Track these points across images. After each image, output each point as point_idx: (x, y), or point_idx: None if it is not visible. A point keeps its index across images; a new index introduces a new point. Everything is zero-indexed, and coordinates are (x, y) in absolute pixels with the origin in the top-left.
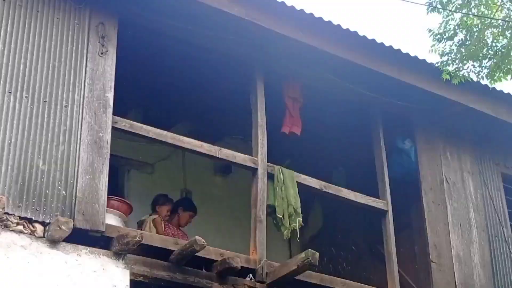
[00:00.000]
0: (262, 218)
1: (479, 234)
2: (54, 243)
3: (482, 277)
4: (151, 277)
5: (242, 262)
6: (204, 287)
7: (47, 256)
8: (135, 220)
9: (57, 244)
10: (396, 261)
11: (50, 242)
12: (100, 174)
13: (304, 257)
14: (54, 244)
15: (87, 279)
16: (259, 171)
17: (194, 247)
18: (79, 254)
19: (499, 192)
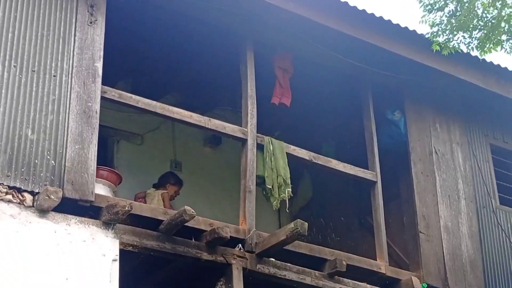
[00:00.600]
0: (251, 189)
1: (467, 205)
2: (43, 212)
3: (470, 248)
4: (141, 246)
5: (232, 232)
6: (194, 257)
7: (36, 226)
8: (124, 190)
9: (46, 214)
10: (384, 231)
11: (39, 211)
12: (89, 144)
13: (293, 227)
14: (43, 213)
15: (76, 249)
16: (248, 141)
17: (183, 217)
18: (68, 224)
19: (487, 163)
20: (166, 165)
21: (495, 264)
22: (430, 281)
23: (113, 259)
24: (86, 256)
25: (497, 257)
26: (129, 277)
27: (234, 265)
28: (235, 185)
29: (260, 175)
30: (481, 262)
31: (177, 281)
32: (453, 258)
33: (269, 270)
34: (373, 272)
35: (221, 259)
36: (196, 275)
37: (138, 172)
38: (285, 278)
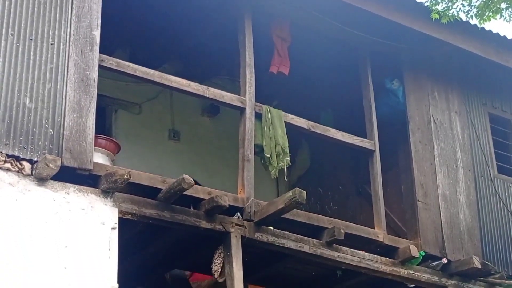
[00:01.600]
0: (250, 157)
1: (465, 173)
2: (42, 181)
3: (468, 216)
4: (139, 215)
5: (230, 201)
6: (192, 225)
7: (35, 194)
8: (122, 159)
9: (45, 182)
10: (382, 200)
11: (38, 180)
12: (88, 113)
13: (291, 196)
14: (42, 182)
15: (75, 217)
16: (247, 110)
17: (182, 186)
18: (67, 192)
19: (486, 132)
20: (164, 135)
21: (492, 233)
22: (428, 249)
23: (112, 227)
24: (85, 224)
25: (495, 225)
26: (128, 246)
27: (232, 233)
28: (233, 154)
29: (258, 144)
30: (479, 230)
31: (176, 250)
32: (451, 227)
33: (268, 238)
34: (371, 240)
35: (220, 227)
36: (195, 243)
37: (136, 141)
38: (283, 246)
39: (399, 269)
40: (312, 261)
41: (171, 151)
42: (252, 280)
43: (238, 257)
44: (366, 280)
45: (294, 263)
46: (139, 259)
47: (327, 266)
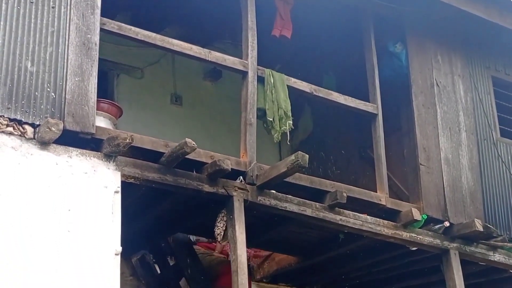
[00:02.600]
0: (252, 121)
1: (468, 137)
2: (45, 144)
3: (470, 180)
4: (142, 178)
5: (233, 165)
6: (195, 189)
7: (38, 158)
8: (124, 123)
9: (47, 146)
10: (385, 164)
11: (41, 143)
12: (89, 76)
13: (294, 159)
14: (45, 145)
15: (78, 181)
16: (249, 74)
17: (184, 149)
18: (69, 156)
19: (489, 96)
20: (166, 99)
21: (495, 196)
22: (430, 213)
23: (115, 191)
24: (88, 188)
25: (497, 189)
26: (131, 210)
27: (235, 197)
28: (235, 118)
29: (261, 107)
30: (481, 194)
31: (178, 213)
32: (453, 190)
33: (270, 202)
34: (373, 203)
35: (222, 191)
36: (198, 207)
37: (138, 106)
38: (286, 209)
39: (401, 232)
40: (314, 225)
41: (173, 116)
42: (255, 243)
43: (240, 220)
44: (368, 243)
45: (296, 227)
46: (142, 223)
47: (330, 230)
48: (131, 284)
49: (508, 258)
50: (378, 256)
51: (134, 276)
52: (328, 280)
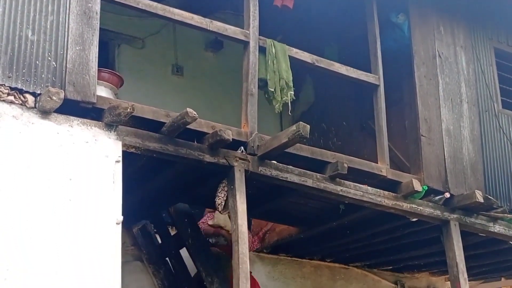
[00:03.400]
0: (253, 92)
1: (469, 108)
2: (46, 114)
3: (471, 151)
4: (143, 148)
5: (234, 135)
6: (196, 159)
7: (39, 127)
8: (125, 94)
9: (48, 115)
10: (386, 135)
11: (42, 112)
12: (90, 45)
13: (295, 130)
14: (46, 114)
15: (79, 150)
16: (250, 44)
17: (185, 119)
18: (71, 125)
19: (491, 67)
20: (167, 70)
21: (495, 167)
22: (431, 184)
23: (116, 160)
24: (89, 157)
25: (498, 160)
26: (132, 180)
27: (236, 167)
28: (236, 89)
29: (262, 78)
30: (482, 165)
31: (179, 184)
32: (454, 161)
33: (271, 172)
34: (374, 174)
35: (223, 161)
36: (199, 177)
37: (139, 76)
38: (286, 180)
39: (401, 203)
40: (315, 195)
41: (174, 86)
42: (255, 214)
43: (241, 191)
44: (369, 214)
45: (297, 198)
46: (143, 193)
47: (330, 200)
48: (132, 253)
49: (508, 230)
50: (378, 227)
51: (135, 246)
52: (328, 251)
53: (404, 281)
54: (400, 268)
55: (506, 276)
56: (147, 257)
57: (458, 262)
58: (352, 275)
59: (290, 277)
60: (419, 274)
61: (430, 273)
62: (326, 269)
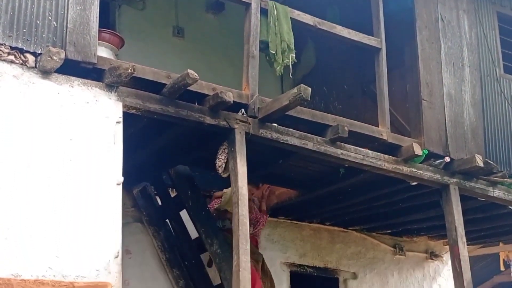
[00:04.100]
0: (254, 54)
1: (471, 73)
2: (46, 73)
3: (472, 116)
4: (144, 109)
5: (234, 97)
6: (197, 121)
7: (40, 87)
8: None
9: (49, 75)
10: (387, 99)
11: (42, 72)
12: (91, 5)
13: (296, 92)
14: (46, 74)
15: (79, 110)
16: (252, 5)
17: (186, 80)
18: (71, 86)
19: (493, 31)
20: (168, 31)
21: (496, 132)
22: (431, 148)
23: (117, 121)
24: (90, 118)
25: (499, 125)
26: (133, 141)
27: (236, 129)
28: (238, 52)
29: (264, 40)
30: (482, 129)
31: (180, 146)
32: (455, 126)
33: (272, 135)
34: (374, 138)
35: (224, 123)
36: (199, 139)
37: (140, 37)
38: (287, 143)
39: (401, 167)
40: (315, 159)
41: (175, 48)
42: (256, 177)
43: (242, 153)
44: (369, 178)
45: (297, 161)
46: (143, 155)
47: (330, 164)
48: (132, 215)
49: (508, 194)
50: (378, 190)
51: (135, 208)
52: (327, 215)
53: (402, 244)
54: (399, 232)
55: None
56: (147, 219)
57: (457, 226)
58: (351, 238)
59: (290, 240)
60: (417, 238)
61: (428, 237)
62: (326, 232)
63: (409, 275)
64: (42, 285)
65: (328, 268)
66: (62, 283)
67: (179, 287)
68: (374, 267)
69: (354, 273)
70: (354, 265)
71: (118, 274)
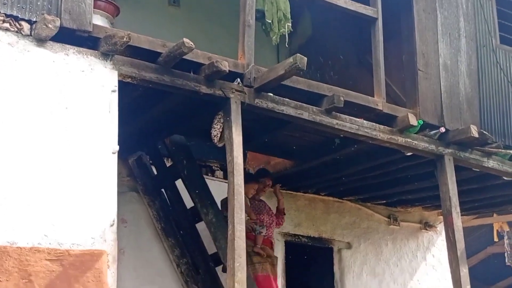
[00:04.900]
0: (250, 23)
1: (467, 43)
2: (41, 41)
3: (468, 86)
4: (139, 78)
5: (230, 66)
6: (192, 90)
7: (35, 54)
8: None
9: (44, 43)
10: (383, 69)
11: (37, 40)
12: None
13: (292, 62)
14: (41, 42)
15: (75, 79)
16: None
17: (182, 49)
18: (66, 54)
19: (490, 2)
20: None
21: (491, 103)
22: (426, 118)
23: (112, 90)
24: (85, 86)
25: (494, 95)
26: (128, 110)
27: (232, 99)
28: (234, 21)
29: (260, 9)
30: (478, 100)
31: (175, 115)
32: (450, 96)
33: (267, 104)
34: (370, 108)
35: (220, 92)
36: (195, 109)
37: (135, 6)
38: (282, 113)
39: (397, 137)
40: (311, 129)
41: (170, 17)
42: (251, 146)
43: (237, 122)
44: (364, 148)
45: (292, 131)
46: (139, 125)
47: (326, 134)
48: (128, 184)
49: (502, 165)
50: (373, 161)
51: (130, 177)
52: (323, 185)
53: (397, 215)
54: (393, 203)
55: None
56: (143, 188)
57: (451, 196)
58: (346, 208)
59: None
60: (412, 208)
61: (423, 207)
62: (320, 202)
63: (403, 245)
64: (37, 253)
65: (322, 238)
66: (57, 250)
67: (174, 256)
68: (368, 237)
69: (349, 243)
70: (348, 235)
71: (113, 242)
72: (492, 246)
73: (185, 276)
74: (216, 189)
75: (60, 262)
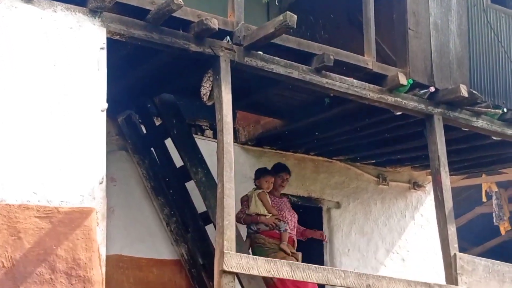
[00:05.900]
0: None
1: (458, 2)
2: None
3: (458, 46)
4: (128, 35)
5: (220, 24)
6: (181, 48)
7: (22, 11)
8: None
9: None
10: (373, 28)
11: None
12: None
13: (282, 20)
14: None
15: (63, 36)
16: None
17: (171, 7)
18: (54, 10)
19: None
20: None
21: (481, 62)
22: (416, 78)
23: (101, 47)
24: (73, 44)
25: (484, 55)
26: (117, 69)
27: (221, 57)
28: None
29: None
30: (468, 60)
31: (164, 73)
32: (440, 56)
33: (257, 63)
34: (360, 68)
35: (209, 50)
36: (184, 67)
37: None
38: (272, 71)
39: (386, 96)
40: (300, 88)
41: None
42: (240, 105)
43: (227, 81)
44: (354, 107)
45: (282, 90)
46: (128, 83)
47: (315, 93)
48: (117, 143)
49: (491, 125)
50: (362, 120)
51: (119, 136)
52: (312, 145)
53: (386, 175)
54: (382, 162)
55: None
56: (132, 147)
57: (440, 156)
58: (335, 168)
59: None
60: (401, 168)
61: (412, 167)
62: (310, 162)
63: (392, 205)
64: (26, 210)
65: (312, 197)
66: (46, 208)
67: (164, 215)
68: (357, 196)
69: (338, 203)
70: (337, 194)
71: (102, 200)
72: (481, 207)
73: (175, 234)
74: (205, 148)
75: (49, 219)
